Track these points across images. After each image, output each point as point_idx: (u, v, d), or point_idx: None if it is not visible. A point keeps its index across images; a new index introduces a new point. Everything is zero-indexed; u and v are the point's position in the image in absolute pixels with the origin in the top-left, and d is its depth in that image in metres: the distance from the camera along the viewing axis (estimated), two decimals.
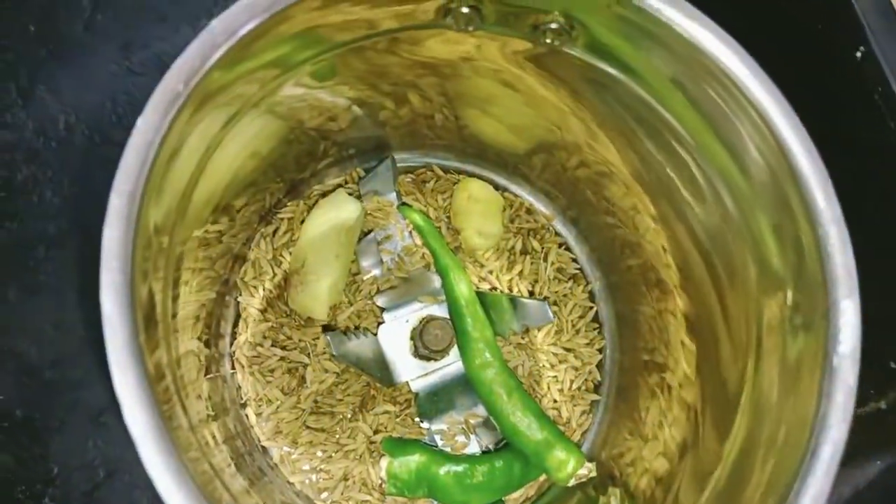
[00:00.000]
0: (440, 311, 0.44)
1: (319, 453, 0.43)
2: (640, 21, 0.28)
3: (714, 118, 0.30)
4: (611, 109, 0.35)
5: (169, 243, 0.31)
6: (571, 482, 0.41)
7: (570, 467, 0.41)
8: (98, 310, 0.25)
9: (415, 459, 0.42)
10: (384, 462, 0.42)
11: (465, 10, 0.31)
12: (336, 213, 0.43)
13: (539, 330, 0.46)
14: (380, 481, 0.43)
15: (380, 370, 0.43)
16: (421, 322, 0.43)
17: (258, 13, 0.27)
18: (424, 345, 0.43)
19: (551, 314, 0.44)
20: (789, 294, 0.29)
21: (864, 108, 0.38)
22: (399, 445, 0.43)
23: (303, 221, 0.44)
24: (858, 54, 0.38)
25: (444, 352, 0.43)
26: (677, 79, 0.30)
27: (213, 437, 0.41)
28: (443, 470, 0.42)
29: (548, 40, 0.32)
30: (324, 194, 0.45)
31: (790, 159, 0.27)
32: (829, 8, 0.39)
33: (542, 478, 0.45)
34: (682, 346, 0.40)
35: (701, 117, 0.30)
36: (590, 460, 0.42)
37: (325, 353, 0.44)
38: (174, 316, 0.37)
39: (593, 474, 0.41)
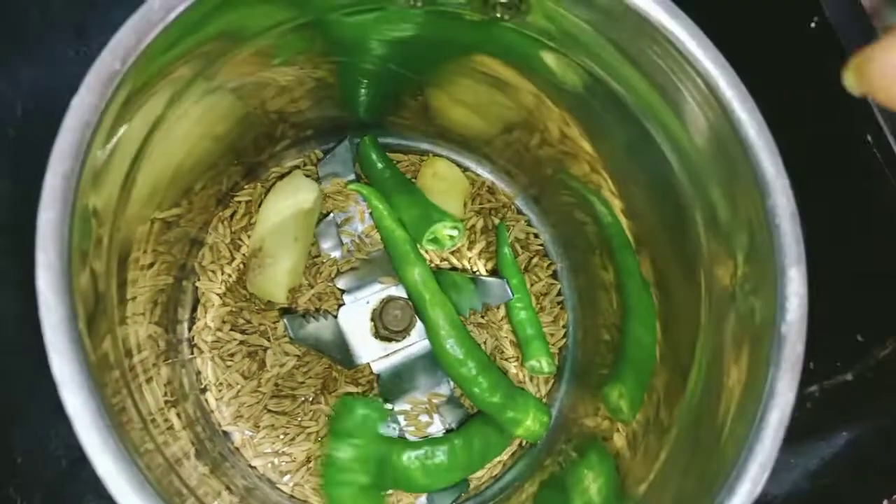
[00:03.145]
0: (401, 291, 0.44)
1: (281, 436, 0.43)
2: None
3: (661, 85, 0.29)
4: (565, 87, 0.35)
5: (112, 226, 0.30)
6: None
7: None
8: None
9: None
10: None
11: None
12: (293, 195, 0.42)
13: (499, 308, 0.46)
14: None
15: (340, 352, 0.43)
16: (381, 303, 0.43)
17: None
18: (384, 325, 0.42)
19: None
20: (739, 262, 0.30)
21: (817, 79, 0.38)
22: None
23: (261, 204, 0.44)
24: (813, 24, 0.38)
25: (405, 332, 0.43)
26: (622, 46, 0.29)
27: (173, 424, 0.41)
28: (404, 457, 0.42)
29: (497, 14, 0.31)
30: (282, 177, 0.45)
31: (737, 128, 0.28)
32: None
33: (506, 455, 0.45)
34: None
35: (649, 85, 0.30)
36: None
37: (285, 336, 0.43)
38: (129, 300, 0.36)
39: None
